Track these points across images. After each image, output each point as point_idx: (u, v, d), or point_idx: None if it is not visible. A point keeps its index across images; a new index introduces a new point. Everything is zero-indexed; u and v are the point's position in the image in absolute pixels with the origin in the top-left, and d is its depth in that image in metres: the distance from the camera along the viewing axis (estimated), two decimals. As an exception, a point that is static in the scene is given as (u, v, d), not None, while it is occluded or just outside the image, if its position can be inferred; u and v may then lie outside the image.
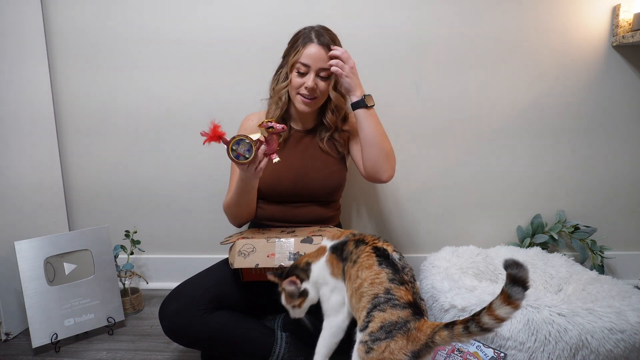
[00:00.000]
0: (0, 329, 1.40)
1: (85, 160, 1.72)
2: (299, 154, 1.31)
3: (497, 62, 1.57)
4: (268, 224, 1.31)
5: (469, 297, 1.19)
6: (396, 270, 0.89)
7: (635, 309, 1.10)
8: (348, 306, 0.93)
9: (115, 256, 1.56)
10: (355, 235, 0.97)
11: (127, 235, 1.62)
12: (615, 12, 1.51)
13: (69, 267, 1.41)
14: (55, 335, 1.35)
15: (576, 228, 1.60)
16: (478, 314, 0.74)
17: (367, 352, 0.82)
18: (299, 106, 1.24)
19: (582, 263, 1.57)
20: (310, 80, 1.19)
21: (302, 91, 1.21)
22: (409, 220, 1.71)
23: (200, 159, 1.68)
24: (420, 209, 1.70)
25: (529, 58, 1.56)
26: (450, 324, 0.78)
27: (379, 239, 0.95)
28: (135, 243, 1.63)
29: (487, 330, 0.73)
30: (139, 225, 1.70)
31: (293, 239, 1.10)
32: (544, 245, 1.60)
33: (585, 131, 1.61)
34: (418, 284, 0.92)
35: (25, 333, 1.42)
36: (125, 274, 1.61)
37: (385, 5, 1.54)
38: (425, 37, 1.56)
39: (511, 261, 0.69)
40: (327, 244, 1.00)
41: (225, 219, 1.31)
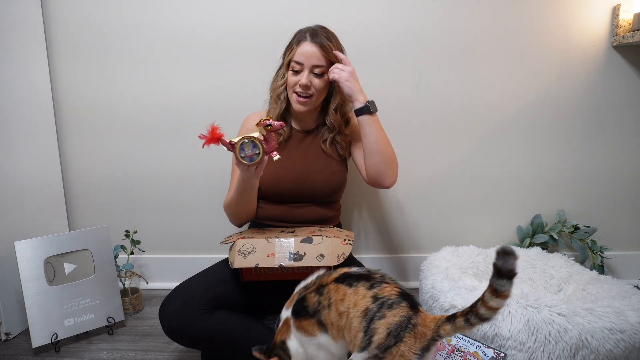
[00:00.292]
0: (0, 329, 1.40)
1: (85, 159, 1.72)
2: (300, 154, 1.31)
3: (497, 62, 1.57)
4: (268, 223, 1.31)
5: (469, 297, 1.19)
6: (368, 278, 0.87)
7: (635, 309, 1.10)
8: (339, 350, 0.89)
9: (115, 256, 1.56)
10: (309, 288, 0.92)
11: (127, 235, 1.62)
12: (615, 12, 1.51)
13: (69, 267, 1.41)
14: (55, 335, 1.35)
15: (576, 228, 1.60)
16: (475, 305, 0.76)
17: None
18: (294, 105, 1.25)
19: (582, 263, 1.57)
20: (304, 77, 1.20)
21: (297, 89, 1.22)
22: (409, 220, 1.71)
23: (200, 159, 1.68)
24: (420, 209, 1.70)
25: (529, 58, 1.56)
26: (452, 317, 0.80)
27: (333, 271, 0.92)
28: (135, 243, 1.63)
29: (486, 319, 0.76)
30: (139, 225, 1.70)
31: (293, 238, 1.10)
32: (544, 245, 1.60)
33: (585, 131, 1.61)
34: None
35: (25, 333, 1.42)
36: (125, 274, 1.61)
37: (386, 2, 1.54)
38: (425, 38, 1.56)
39: (501, 250, 0.70)
40: (287, 313, 0.94)
41: (226, 219, 1.31)
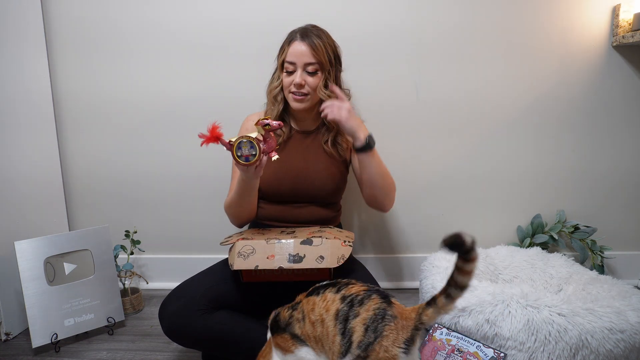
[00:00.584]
0: (0, 329, 1.40)
1: (85, 159, 1.72)
2: (301, 155, 1.31)
3: (497, 62, 1.57)
4: (268, 223, 1.31)
5: (469, 297, 1.18)
6: (334, 284, 0.90)
7: (635, 309, 1.10)
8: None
9: (115, 256, 1.56)
10: (283, 305, 0.96)
11: (127, 235, 1.62)
12: (615, 12, 1.51)
13: (69, 267, 1.41)
14: (55, 335, 1.35)
15: (576, 228, 1.60)
16: (451, 277, 0.78)
17: None
18: (292, 104, 1.26)
19: (582, 263, 1.57)
20: (297, 76, 1.21)
21: (292, 89, 1.23)
22: (409, 220, 1.71)
23: (201, 159, 1.68)
24: (420, 209, 1.70)
25: (528, 58, 1.56)
26: (431, 300, 0.80)
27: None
28: (135, 243, 1.62)
29: (465, 286, 0.78)
30: (139, 225, 1.70)
31: (293, 240, 1.10)
32: (544, 245, 1.60)
33: (585, 131, 1.61)
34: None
35: (25, 333, 1.42)
36: (125, 274, 1.61)
37: (387, 1, 1.54)
38: (425, 38, 1.56)
39: (453, 236, 0.74)
40: (268, 334, 0.98)
41: (226, 219, 1.31)
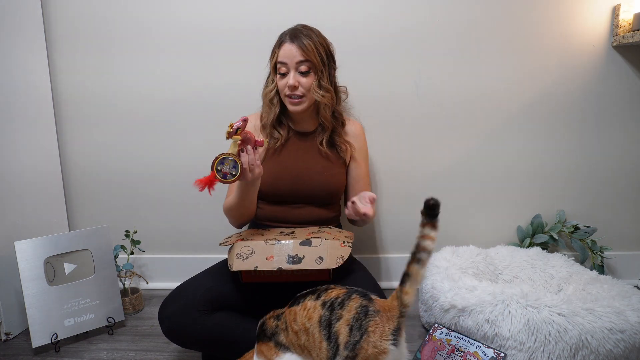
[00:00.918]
0: (0, 329, 1.40)
1: (85, 159, 1.72)
2: (300, 155, 1.31)
3: (497, 63, 1.57)
4: (267, 224, 1.31)
5: (469, 297, 1.19)
6: (313, 292, 0.92)
7: (635, 309, 1.10)
8: None
9: (115, 256, 1.56)
10: (268, 314, 0.99)
11: (127, 235, 1.62)
12: (615, 12, 1.51)
13: (69, 267, 1.41)
14: (55, 335, 1.34)
15: (576, 228, 1.60)
16: (418, 244, 0.84)
17: None
18: (290, 108, 1.27)
19: (582, 263, 1.57)
20: (290, 78, 1.21)
21: (287, 92, 1.24)
22: (409, 220, 1.71)
23: (201, 159, 1.65)
24: (420, 209, 1.69)
25: (528, 58, 1.56)
26: (404, 276, 0.84)
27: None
28: (135, 243, 1.62)
29: (431, 250, 0.84)
30: (139, 225, 1.70)
31: (292, 241, 1.10)
32: (544, 245, 1.60)
33: (585, 131, 1.60)
34: None
35: (25, 333, 1.42)
36: (125, 274, 1.61)
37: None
38: (425, 37, 1.56)
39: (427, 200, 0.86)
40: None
41: (226, 219, 1.31)
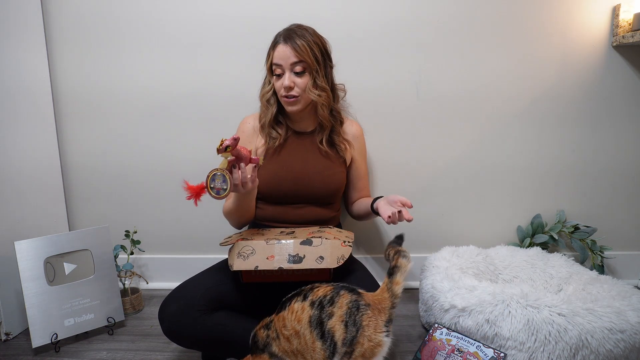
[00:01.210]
0: (0, 329, 1.40)
1: (85, 158, 1.71)
2: (299, 155, 1.31)
3: (497, 62, 1.57)
4: (267, 224, 1.32)
5: (469, 297, 1.19)
6: (299, 293, 0.92)
7: (635, 309, 1.10)
8: None
9: (115, 256, 1.56)
10: (258, 325, 0.99)
11: (127, 235, 1.62)
12: (615, 12, 1.51)
13: (69, 267, 1.41)
14: (55, 335, 1.34)
15: (576, 228, 1.60)
16: (397, 250, 0.94)
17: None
18: (286, 108, 1.28)
19: (582, 263, 1.57)
20: (286, 79, 1.22)
21: (283, 92, 1.24)
22: (409, 220, 1.71)
23: (201, 159, 1.67)
24: (420, 209, 1.69)
25: (528, 57, 1.56)
26: (392, 268, 0.88)
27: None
28: (135, 243, 1.62)
29: (407, 252, 0.95)
30: (139, 225, 1.70)
31: (292, 240, 1.10)
32: (544, 245, 1.60)
33: (586, 131, 1.61)
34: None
35: (25, 333, 1.42)
36: (125, 274, 1.61)
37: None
38: (425, 35, 1.56)
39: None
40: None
41: (225, 219, 1.31)
